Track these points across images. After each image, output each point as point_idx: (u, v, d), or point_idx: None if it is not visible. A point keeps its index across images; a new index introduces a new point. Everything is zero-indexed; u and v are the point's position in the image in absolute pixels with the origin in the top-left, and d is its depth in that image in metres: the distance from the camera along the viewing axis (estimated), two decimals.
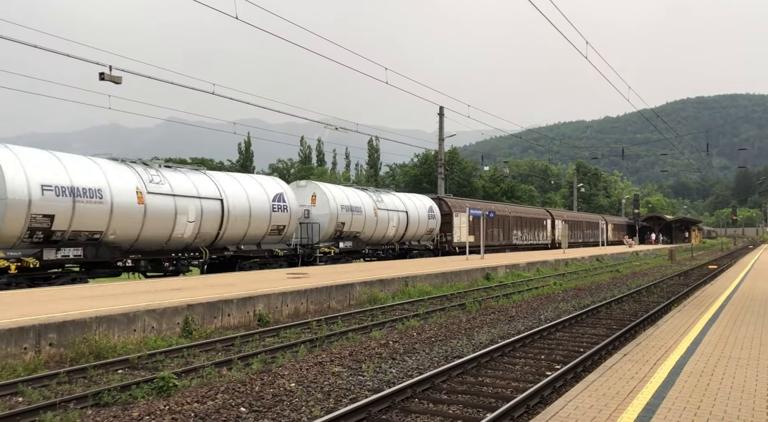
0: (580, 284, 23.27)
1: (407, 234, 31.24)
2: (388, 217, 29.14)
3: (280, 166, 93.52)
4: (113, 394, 7.39)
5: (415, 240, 32.54)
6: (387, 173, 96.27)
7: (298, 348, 10.34)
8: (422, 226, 32.42)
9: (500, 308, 16.00)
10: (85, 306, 11.04)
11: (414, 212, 31.57)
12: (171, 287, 14.74)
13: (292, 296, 14.37)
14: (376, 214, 28.07)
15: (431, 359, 9.82)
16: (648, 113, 49.03)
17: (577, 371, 8.85)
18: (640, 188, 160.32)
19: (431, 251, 34.54)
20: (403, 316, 14.09)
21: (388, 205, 29.49)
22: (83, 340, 9.54)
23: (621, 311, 15.71)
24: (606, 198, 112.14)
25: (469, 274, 22.58)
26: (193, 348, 10.22)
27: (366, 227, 27.48)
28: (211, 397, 7.40)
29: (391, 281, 18.08)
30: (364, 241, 27.96)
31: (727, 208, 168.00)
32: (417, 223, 31.77)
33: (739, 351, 8.18)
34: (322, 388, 7.91)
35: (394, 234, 30.06)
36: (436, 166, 46.98)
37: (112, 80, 17.41)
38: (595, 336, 12.12)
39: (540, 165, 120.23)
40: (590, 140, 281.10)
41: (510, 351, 10.38)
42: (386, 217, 29.03)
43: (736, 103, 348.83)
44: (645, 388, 6.19)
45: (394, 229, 29.81)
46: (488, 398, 7.59)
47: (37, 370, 8.50)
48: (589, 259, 36.49)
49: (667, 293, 19.99)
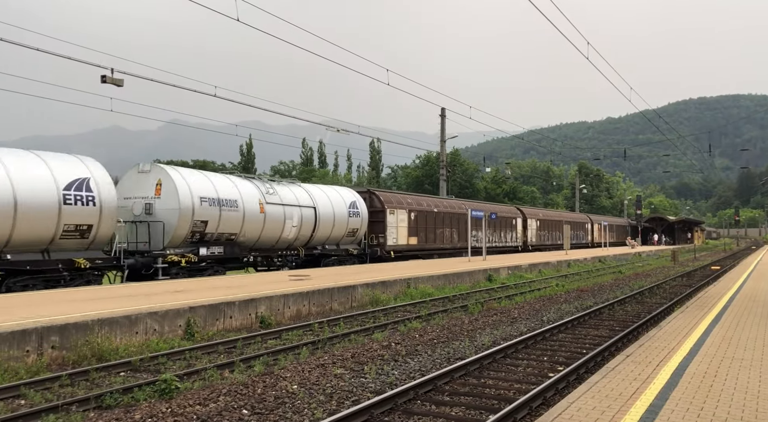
0: (582, 285, 23.24)
1: (317, 236, 25.16)
2: (284, 214, 23.06)
3: (282, 168, 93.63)
4: (115, 397, 7.38)
5: (331, 243, 26.29)
6: (389, 175, 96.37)
7: (300, 350, 10.33)
8: (340, 226, 26.19)
9: (502, 309, 15.98)
10: (87, 309, 11.04)
11: (327, 208, 25.55)
12: (173, 290, 14.75)
13: (294, 298, 14.37)
14: (263, 210, 22.00)
15: (433, 360, 9.80)
16: (650, 114, 48.97)
17: (580, 372, 8.83)
18: (643, 189, 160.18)
19: (356, 256, 27.71)
20: (406, 318, 14.07)
21: (284, 198, 23.41)
22: (85, 342, 9.54)
23: (624, 313, 15.68)
24: (608, 199, 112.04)
25: (471, 275, 22.56)
26: (195, 350, 10.21)
27: (247, 227, 21.38)
28: (213, 399, 7.39)
29: (394, 283, 18.07)
30: (246, 245, 21.91)
31: (729, 209, 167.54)
32: (332, 222, 25.61)
33: (742, 352, 8.16)
34: (324, 390, 7.90)
35: (295, 236, 23.96)
36: (438, 167, 47.01)
37: (113, 83, 17.45)
38: (597, 337, 12.09)
39: (542, 166, 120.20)
40: (592, 140, 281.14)
41: (512, 352, 10.36)
42: (280, 214, 22.88)
43: (738, 104, 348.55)
44: (648, 389, 6.17)
45: (294, 230, 23.72)
46: (491, 400, 7.57)
47: (40, 373, 8.49)
48: (592, 260, 36.44)
49: (670, 295, 19.95)
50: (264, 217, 21.99)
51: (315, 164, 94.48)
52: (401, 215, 29.95)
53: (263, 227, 22.03)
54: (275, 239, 23.06)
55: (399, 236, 29.65)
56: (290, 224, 23.54)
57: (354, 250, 27.54)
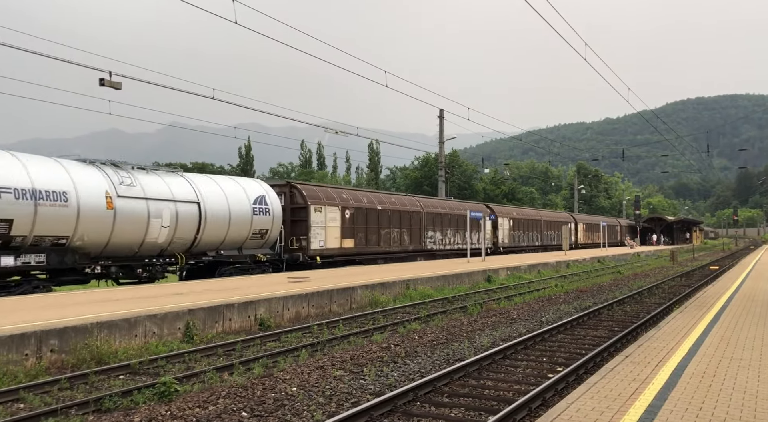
0: (581, 285, 23.26)
1: (205, 239, 19.50)
2: (149, 211, 17.63)
3: (281, 170, 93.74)
4: (115, 400, 7.38)
5: (228, 248, 20.66)
6: (388, 176, 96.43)
7: (300, 352, 10.33)
8: (240, 226, 20.62)
9: (502, 310, 15.99)
10: (86, 312, 11.04)
11: (219, 204, 19.93)
12: (172, 292, 14.75)
13: (293, 300, 14.37)
14: (112, 205, 16.68)
15: (433, 362, 9.81)
16: (648, 114, 49.08)
17: (579, 373, 8.84)
18: (641, 190, 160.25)
19: (267, 264, 22.40)
20: (405, 319, 14.08)
21: (149, 191, 17.85)
22: (84, 346, 9.53)
23: (623, 313, 15.70)
24: (607, 200, 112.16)
25: (471, 276, 22.57)
26: (195, 352, 10.21)
27: (85, 227, 15.99)
28: (212, 402, 7.39)
29: (393, 285, 18.07)
30: (88, 252, 16.51)
31: (728, 208, 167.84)
32: (226, 221, 20.07)
33: (741, 352, 8.17)
34: (323, 392, 7.90)
35: (168, 240, 18.35)
36: (436, 169, 47.07)
37: (112, 86, 17.47)
38: (596, 337, 12.11)
39: (540, 167, 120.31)
40: (590, 141, 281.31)
41: (512, 353, 10.37)
42: (142, 211, 17.46)
43: (736, 104, 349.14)
44: (647, 390, 6.18)
45: (166, 231, 18.15)
46: (490, 401, 7.58)
47: (39, 376, 8.49)
48: (591, 261, 36.49)
49: (669, 295, 19.98)
50: (114, 214, 16.55)
51: (314, 166, 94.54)
52: (332, 213, 25.04)
53: (113, 227, 16.60)
54: (136, 243, 17.48)
55: (328, 238, 24.80)
56: (158, 224, 17.87)
57: (264, 256, 22.07)
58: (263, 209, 21.64)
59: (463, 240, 35.32)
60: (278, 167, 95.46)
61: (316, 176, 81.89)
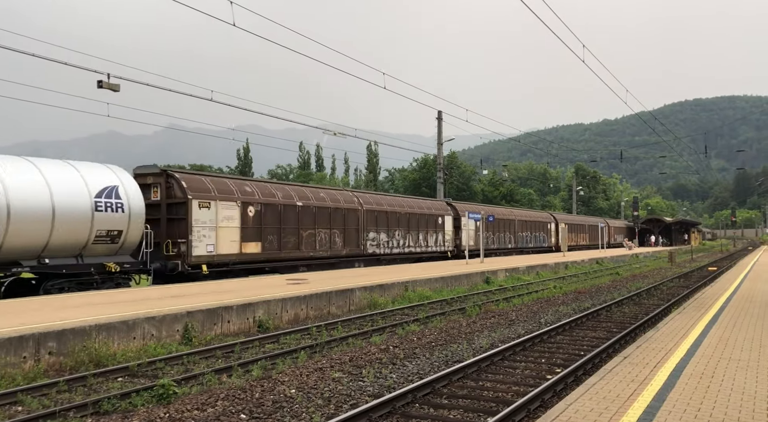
0: (580, 287, 23.27)
1: (10, 243, 14.52)
2: None
3: (279, 171, 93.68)
4: (113, 402, 7.38)
5: (59, 256, 15.70)
6: (386, 178, 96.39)
7: (298, 354, 10.32)
8: (74, 225, 15.77)
9: (500, 311, 15.99)
10: (84, 314, 11.02)
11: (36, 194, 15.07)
12: (170, 295, 14.73)
13: (291, 302, 14.36)
14: None
15: (432, 363, 9.80)
16: (646, 116, 49.12)
17: (578, 374, 8.85)
18: (639, 191, 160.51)
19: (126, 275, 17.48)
20: (404, 321, 14.07)
21: None
22: (83, 348, 9.52)
23: (621, 314, 15.71)
24: (605, 201, 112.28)
25: (469, 278, 22.58)
26: (193, 355, 10.20)
27: None
28: (211, 404, 7.39)
29: (391, 286, 18.07)
30: None
31: (726, 210, 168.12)
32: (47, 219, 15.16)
33: (739, 352, 8.18)
34: (322, 394, 7.90)
35: None
36: (435, 170, 47.07)
37: (110, 88, 17.45)
38: (595, 339, 12.11)
39: (539, 168, 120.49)
40: (589, 142, 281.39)
41: (510, 354, 10.37)
42: None
43: (734, 105, 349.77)
44: (645, 391, 6.19)
45: None
46: (489, 402, 7.58)
47: (37, 379, 8.48)
48: (589, 262, 36.54)
49: (667, 296, 19.99)
50: None
51: (312, 168, 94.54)
52: (227, 211, 20.30)
53: None
54: None
55: (221, 241, 20.00)
56: None
57: (119, 265, 16.86)
58: (114, 204, 16.68)
59: (416, 243, 31.30)
60: (276, 168, 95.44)
61: (314, 177, 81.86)
